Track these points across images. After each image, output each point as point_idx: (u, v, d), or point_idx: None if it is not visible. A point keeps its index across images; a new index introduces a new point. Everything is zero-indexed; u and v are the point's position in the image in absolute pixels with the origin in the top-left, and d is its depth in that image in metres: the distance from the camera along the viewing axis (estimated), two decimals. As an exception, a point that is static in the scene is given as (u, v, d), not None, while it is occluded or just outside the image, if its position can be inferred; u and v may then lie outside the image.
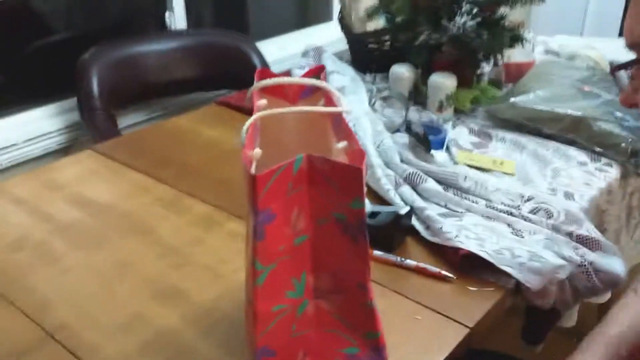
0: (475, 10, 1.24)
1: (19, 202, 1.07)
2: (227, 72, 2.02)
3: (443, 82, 1.33)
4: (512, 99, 1.26)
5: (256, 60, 2.02)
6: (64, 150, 1.84)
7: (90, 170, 1.18)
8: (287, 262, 0.53)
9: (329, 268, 0.54)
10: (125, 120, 1.98)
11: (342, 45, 1.83)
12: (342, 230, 0.52)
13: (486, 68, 1.48)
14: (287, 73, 1.57)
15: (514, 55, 1.52)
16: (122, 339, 0.77)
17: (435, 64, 1.38)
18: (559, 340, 1.66)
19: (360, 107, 1.28)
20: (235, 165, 1.21)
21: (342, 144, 0.56)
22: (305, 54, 1.68)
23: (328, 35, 2.66)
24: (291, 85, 0.70)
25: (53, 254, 0.93)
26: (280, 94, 0.70)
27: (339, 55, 1.73)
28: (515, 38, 1.31)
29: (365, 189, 0.53)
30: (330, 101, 0.65)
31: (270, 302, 0.53)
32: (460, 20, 1.24)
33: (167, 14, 2.13)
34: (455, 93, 1.35)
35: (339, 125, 0.59)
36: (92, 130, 1.76)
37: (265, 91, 0.70)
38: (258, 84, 0.64)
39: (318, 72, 0.71)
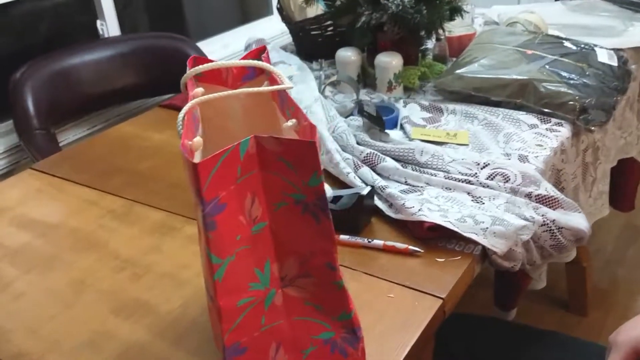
0: (412, -14, 1.23)
1: (-41, 231, 1.00)
2: (168, 76, 1.96)
3: (389, 62, 1.32)
4: (457, 71, 1.26)
5: (198, 61, 1.97)
6: (6, 175, 1.75)
7: (34, 189, 1.12)
8: (246, 253, 0.50)
9: (293, 253, 0.52)
10: (66, 137, 1.90)
11: (287, 38, 1.80)
12: (301, 211, 0.50)
13: (429, 44, 1.48)
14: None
15: (455, 29, 1.53)
16: (88, 358, 0.73)
17: (380, 45, 1.37)
18: (534, 305, 1.69)
19: (311, 94, 1.26)
20: (187, 167, 1.17)
21: (291, 122, 0.54)
22: (247, 47, 1.64)
23: (270, 29, 2.63)
24: (230, 70, 0.67)
25: (3, 280, 0.88)
26: (219, 80, 0.67)
27: (284, 48, 1.70)
28: (454, 10, 1.31)
29: (322, 164, 0.50)
30: (274, 82, 0.62)
31: (233, 296, 0.50)
32: (398, -3, 1.23)
33: (98, 22, 2.06)
34: (402, 71, 1.34)
35: (285, 104, 0.57)
36: (31, 151, 1.68)
37: (203, 80, 0.67)
38: (191, 71, 0.60)
39: (258, 54, 0.68)
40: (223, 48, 2.45)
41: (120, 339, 0.76)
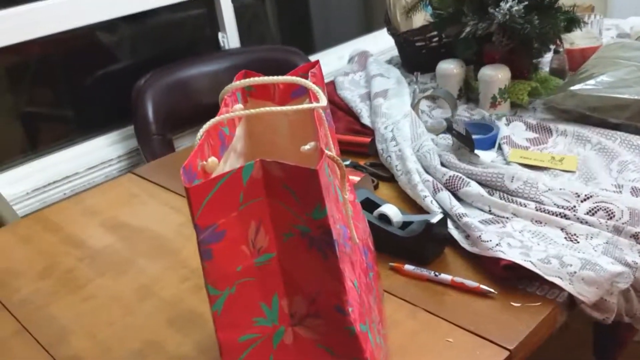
0: (521, -7, 1.12)
1: (55, 229, 1.07)
2: (279, 87, 1.99)
3: (495, 75, 1.21)
4: (571, 88, 1.12)
5: (308, 73, 1.98)
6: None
7: (129, 194, 1.18)
8: (250, 285, 0.46)
9: (302, 289, 0.47)
10: (183, 143, 2.00)
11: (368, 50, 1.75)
12: (308, 245, 0.45)
13: (546, 56, 1.34)
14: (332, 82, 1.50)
15: (578, 40, 1.37)
16: (129, 369, 0.73)
17: (487, 56, 1.27)
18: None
19: (402, 109, 1.19)
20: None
21: (309, 145, 0.49)
22: (350, 60, 1.61)
23: (387, 40, 2.58)
24: (277, 86, 0.63)
25: (77, 282, 0.92)
26: (267, 96, 0.64)
27: (389, 61, 1.65)
28: (571, 21, 1.17)
29: (400, 185, 0.45)
30: (313, 99, 0.58)
31: (235, 331, 0.46)
32: (505, 5, 1.12)
33: (220, 34, 2.14)
34: (509, 86, 1.23)
35: (316, 125, 0.52)
36: (148, 155, 1.78)
37: (253, 95, 0.65)
38: (227, 87, 0.58)
39: (309, 69, 0.64)
40: (337, 60, 2.45)
41: (168, 352, 0.75)
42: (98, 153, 1.86)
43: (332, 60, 2.41)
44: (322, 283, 0.45)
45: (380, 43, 2.47)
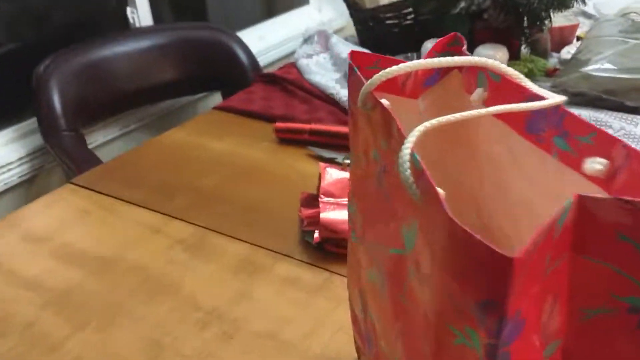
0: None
1: (-10, 267, 0.79)
2: (209, 71, 1.76)
3: (493, 55, 1.11)
4: (583, 69, 1.04)
5: (242, 55, 1.76)
6: (29, 182, 1.55)
7: (78, 211, 0.91)
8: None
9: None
10: (96, 138, 1.70)
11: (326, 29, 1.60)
12: (636, 325, 0.28)
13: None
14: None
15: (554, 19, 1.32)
16: None
17: (477, 35, 1.16)
18: None
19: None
20: (261, 184, 0.96)
21: (595, 165, 0.32)
22: (308, 39, 1.43)
23: (307, 21, 2.42)
24: (415, 73, 0.46)
25: (49, 339, 0.67)
26: (393, 87, 0.46)
27: (349, 40, 1.49)
28: (575, -4, 1.09)
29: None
30: (498, 87, 0.41)
31: None
32: (514, -22, 1.02)
33: (128, 10, 1.85)
34: (505, 67, 1.13)
35: (554, 126, 0.35)
36: (58, 154, 1.47)
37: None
38: (377, 77, 0.39)
39: (446, 45, 0.47)
40: (259, 40, 2.25)
41: None
42: (-9, 155, 1.51)
43: (252, 40, 2.20)
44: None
45: (302, 22, 2.30)
